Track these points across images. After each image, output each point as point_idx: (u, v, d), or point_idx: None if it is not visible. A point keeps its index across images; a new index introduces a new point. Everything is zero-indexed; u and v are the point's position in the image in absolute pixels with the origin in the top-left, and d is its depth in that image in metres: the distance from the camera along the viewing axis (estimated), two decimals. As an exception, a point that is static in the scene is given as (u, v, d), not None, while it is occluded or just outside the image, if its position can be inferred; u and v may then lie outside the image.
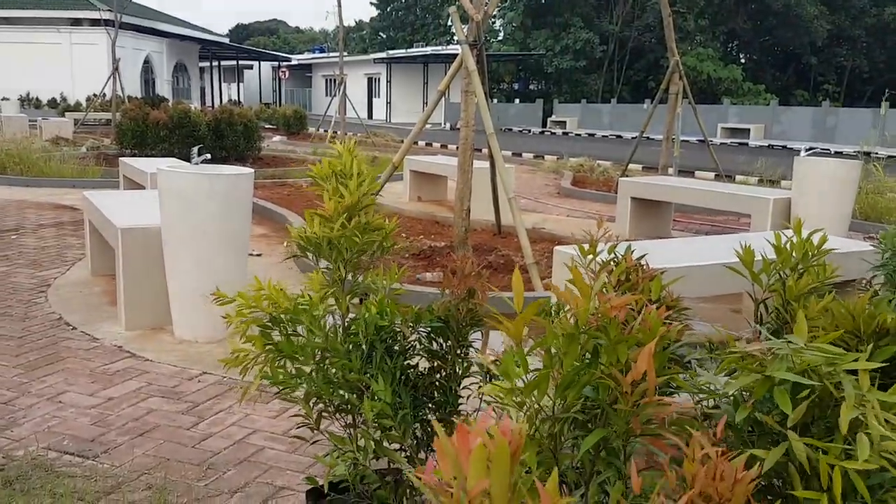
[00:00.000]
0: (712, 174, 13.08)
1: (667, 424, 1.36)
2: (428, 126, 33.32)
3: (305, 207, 2.68)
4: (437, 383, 2.44)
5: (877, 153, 12.53)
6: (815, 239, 1.77)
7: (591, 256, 2.14)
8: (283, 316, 2.19)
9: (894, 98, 26.34)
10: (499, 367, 1.32)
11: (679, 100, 11.12)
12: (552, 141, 28.88)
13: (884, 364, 1.28)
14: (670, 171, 11.51)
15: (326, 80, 50.02)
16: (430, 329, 2.33)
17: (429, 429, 2.27)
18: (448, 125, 34.97)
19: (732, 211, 7.60)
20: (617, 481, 1.32)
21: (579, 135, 32.85)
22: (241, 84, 51.99)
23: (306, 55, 57.39)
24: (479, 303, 2.34)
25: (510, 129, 36.52)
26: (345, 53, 27.30)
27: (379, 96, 46.40)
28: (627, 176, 10.90)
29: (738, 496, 0.97)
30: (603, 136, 31.21)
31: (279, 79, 48.04)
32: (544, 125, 37.89)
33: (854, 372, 1.20)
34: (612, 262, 2.15)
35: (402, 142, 24.46)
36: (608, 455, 1.34)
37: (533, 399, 1.30)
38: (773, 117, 28.99)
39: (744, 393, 1.26)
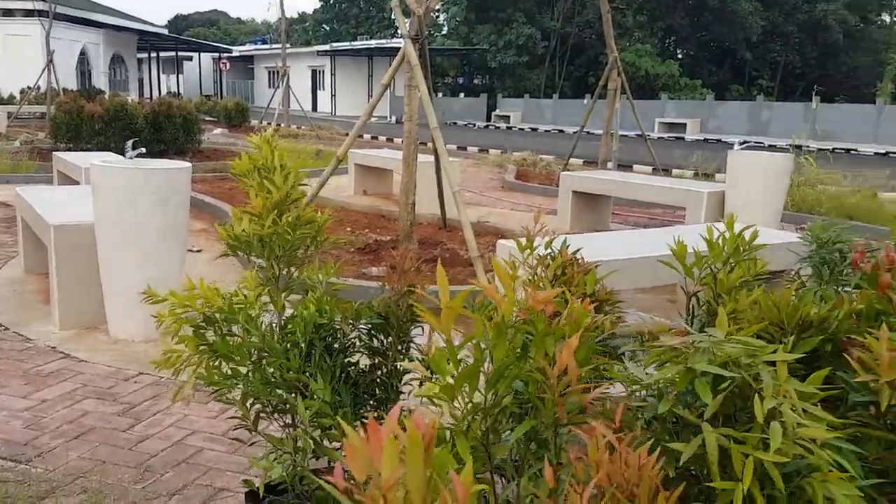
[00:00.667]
0: (650, 168, 13.36)
1: (602, 414, 1.40)
2: (373, 120, 33.20)
3: (247, 202, 2.65)
4: (378, 380, 2.44)
5: (808, 146, 12.99)
6: (748, 234, 1.83)
7: (528, 252, 2.18)
8: (217, 315, 2.16)
9: (825, 93, 27.32)
10: (430, 364, 1.33)
11: (617, 95, 11.33)
12: (496, 135, 29.06)
13: (803, 355, 1.34)
14: (609, 165, 11.72)
15: (269, 72, 49.21)
16: (370, 325, 2.33)
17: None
18: (393, 119, 34.87)
19: (669, 204, 7.78)
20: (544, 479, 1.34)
21: (523, 129, 33.14)
22: (180, 76, 50.72)
23: (248, 47, 56.35)
24: (420, 298, 2.35)
25: (455, 123, 36.60)
26: (287, 45, 26.92)
27: (323, 89, 45.92)
28: (569, 170, 11.05)
29: (645, 483, 1.01)
30: (546, 130, 31.55)
31: (220, 71, 47.07)
32: (489, 119, 38.10)
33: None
34: (548, 257, 2.19)
35: (347, 135, 24.15)
36: (538, 446, 1.36)
37: (465, 394, 1.31)
38: (709, 112, 29.76)
39: (669, 385, 1.30)
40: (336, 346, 2.27)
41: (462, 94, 42.80)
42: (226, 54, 48.40)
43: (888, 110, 24.86)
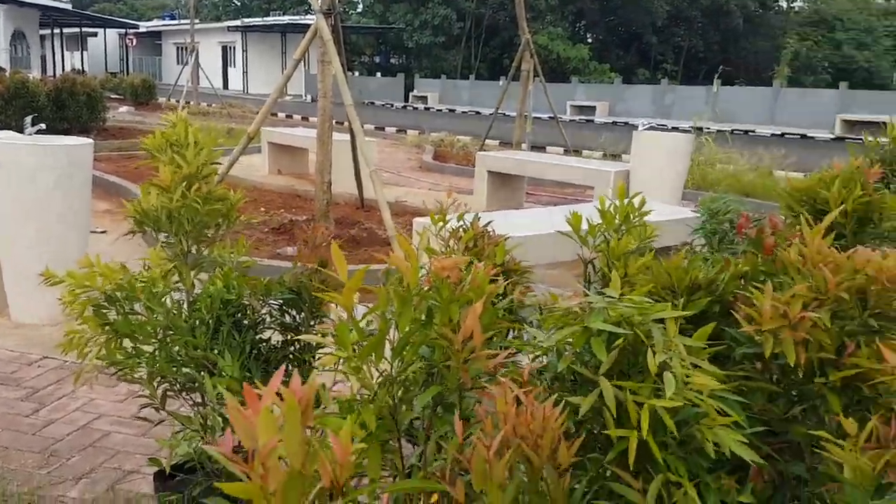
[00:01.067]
0: (562, 149, 13.65)
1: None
2: (287, 98, 32.48)
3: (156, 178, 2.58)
4: (291, 356, 2.43)
5: (709, 128, 13.56)
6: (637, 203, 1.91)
7: (440, 225, 2.21)
8: (118, 294, 2.10)
9: (726, 77, 28.46)
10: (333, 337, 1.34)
11: (530, 77, 11.49)
12: (414, 115, 28.99)
13: (692, 315, 1.42)
14: (523, 146, 11.91)
15: (178, 48, 47.34)
16: (281, 301, 2.32)
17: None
18: (309, 97, 34.22)
19: (579, 183, 8.00)
20: (454, 436, 1.39)
21: (440, 110, 33.16)
22: (85, 53, 48.12)
23: (155, 22, 53.99)
24: (332, 273, 2.35)
25: (373, 103, 36.24)
26: (197, 21, 25.96)
27: (235, 66, 44.58)
28: (485, 151, 11.16)
29: (549, 434, 1.06)
30: (463, 111, 31.67)
31: (126, 47, 44.97)
32: (406, 100, 37.92)
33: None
34: (460, 230, 2.24)
35: (276, 115, 23.28)
36: (444, 411, 1.40)
37: (370, 364, 1.34)
38: (617, 95, 30.57)
39: (566, 345, 1.36)
40: (246, 322, 2.24)
41: (379, 74, 42.41)
42: (132, 30, 46.26)
43: (784, 93, 26.16)
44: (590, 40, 44.16)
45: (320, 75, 6.56)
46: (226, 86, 42.51)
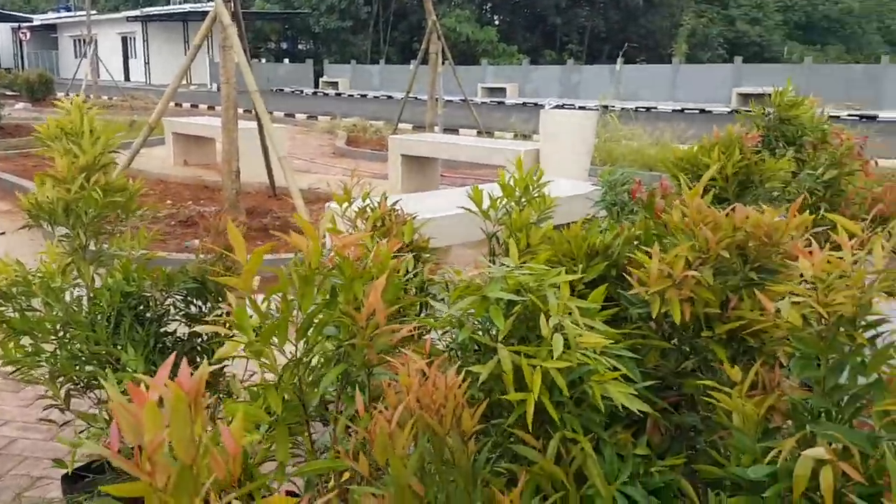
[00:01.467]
0: (475, 131, 13.75)
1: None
2: (192, 87, 31.31)
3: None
4: (198, 348, 2.38)
5: (613, 106, 13.95)
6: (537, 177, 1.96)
7: (346, 206, 2.21)
8: (14, 290, 2.00)
9: (629, 54, 29.20)
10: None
11: (439, 60, 11.51)
12: (325, 102, 28.56)
13: (589, 278, 1.48)
14: (436, 129, 11.93)
15: (75, 41, 44.91)
16: (185, 292, 2.26)
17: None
18: (214, 86, 33.19)
19: (492, 164, 8.09)
20: (366, 413, 1.40)
21: (352, 95, 32.81)
22: (-25, 48, 45.20)
23: (50, 14, 51.08)
24: (236, 260, 2.31)
25: (282, 90, 35.49)
26: (94, 12, 24.70)
27: (136, 57, 42.73)
28: (398, 135, 11.13)
29: (451, 403, 1.08)
30: (374, 96, 31.44)
31: (20, 41, 42.41)
32: (317, 86, 37.29)
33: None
34: (367, 209, 2.24)
35: (180, 105, 22.37)
36: (353, 389, 1.41)
37: (273, 346, 1.33)
38: (525, 76, 31.00)
39: (468, 316, 1.39)
40: (148, 315, 2.18)
41: (287, 60, 41.49)
42: (25, 24, 43.71)
43: (683, 69, 27.13)
44: (497, 22, 44.45)
45: (222, 61, 6.39)
46: (127, 78, 40.78)
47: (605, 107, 13.20)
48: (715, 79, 25.55)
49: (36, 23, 46.69)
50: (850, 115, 19.17)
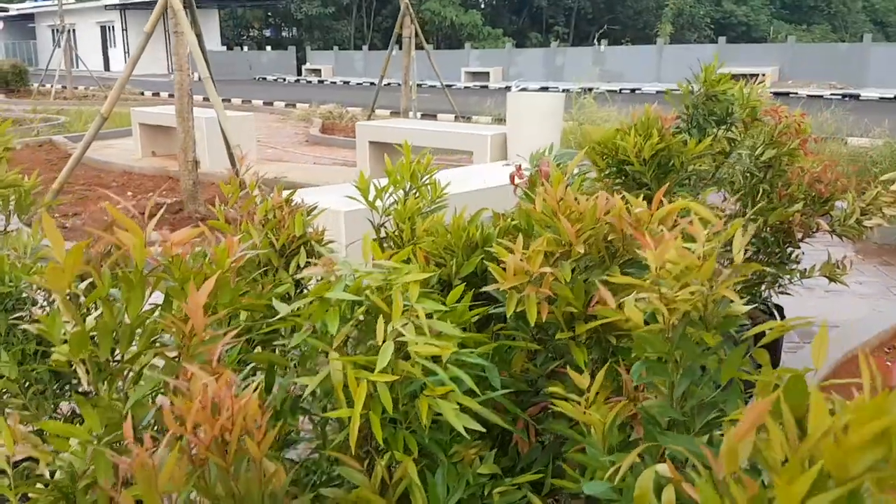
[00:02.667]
0: (453, 116, 13.58)
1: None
2: (160, 78, 30.90)
3: (20, 173, 2.37)
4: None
5: (597, 88, 13.77)
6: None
7: (233, 196, 2.06)
8: None
9: (614, 35, 28.96)
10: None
11: (412, 44, 11.31)
12: (308, 89, 28.26)
13: (428, 275, 1.33)
14: (411, 114, 11.75)
15: (53, 30, 44.34)
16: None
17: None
18: (196, 75, 32.79)
19: (462, 149, 7.94)
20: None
21: (335, 82, 32.51)
22: (-49, 39, 44.58)
23: (27, 4, 50.40)
24: (125, 254, 2.16)
25: (265, 78, 35.17)
26: (71, 0, 24.29)
27: (115, 46, 42.20)
28: (372, 121, 10.95)
29: (239, 427, 0.93)
30: (358, 83, 31.16)
31: (-5, 31, 41.94)
32: (299, 73, 36.96)
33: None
34: (255, 202, 2.09)
35: (143, 94, 22.17)
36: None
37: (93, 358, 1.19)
38: (510, 60, 30.72)
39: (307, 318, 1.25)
40: (27, 317, 2.03)
41: (269, 48, 41.08)
42: (2, 13, 43.09)
43: (667, 50, 26.93)
44: (482, 6, 44.10)
45: (174, 47, 6.20)
46: (107, 67, 40.33)
47: (589, 88, 13.01)
48: (699, 59, 25.34)
49: (12, 12, 46.08)
50: (832, 94, 19.07)
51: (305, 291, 1.81)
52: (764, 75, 2.85)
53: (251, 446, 0.93)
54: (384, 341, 1.08)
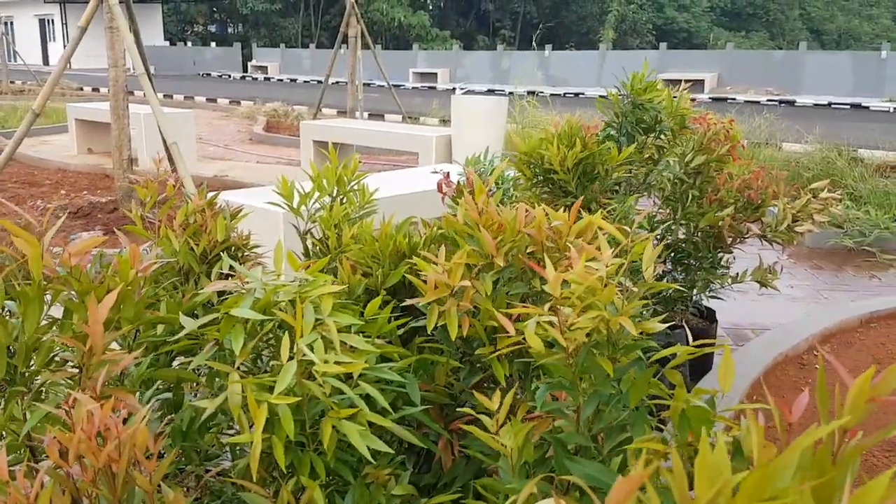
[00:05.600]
0: (400, 116, 13.52)
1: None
2: (100, 73, 30.02)
3: None
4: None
5: (542, 92, 13.89)
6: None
7: (149, 199, 1.99)
8: None
9: (558, 40, 29.23)
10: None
11: (358, 44, 11.22)
12: (253, 87, 27.79)
13: (341, 288, 1.30)
14: (357, 114, 11.65)
15: (-10, 24, 42.66)
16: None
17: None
18: (153, 69, 31.96)
19: (406, 150, 7.90)
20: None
21: (281, 80, 32.07)
22: None
23: (-39, -4, 48.35)
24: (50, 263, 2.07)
25: (209, 74, 34.47)
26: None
27: (55, 40, 40.83)
28: (317, 120, 10.82)
29: (127, 457, 0.88)
30: (305, 81, 30.80)
31: (-78, 24, 40.05)
32: (245, 70, 36.33)
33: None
34: (173, 204, 2.02)
35: (82, 90, 21.48)
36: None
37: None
38: (457, 61, 30.79)
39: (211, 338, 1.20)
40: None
41: (214, 44, 40.27)
42: (-67, 3, 41.24)
43: (610, 55, 27.37)
44: (430, 7, 44.07)
45: (109, 42, 6.00)
46: (46, 62, 38.99)
47: (533, 92, 13.11)
48: (640, 65, 25.76)
49: (-54, 3, 44.22)
50: (769, 101, 19.65)
51: (227, 299, 1.76)
52: (688, 83, 2.89)
53: (139, 478, 0.88)
54: (288, 360, 1.04)
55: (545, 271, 0.98)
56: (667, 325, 1.04)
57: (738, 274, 3.07)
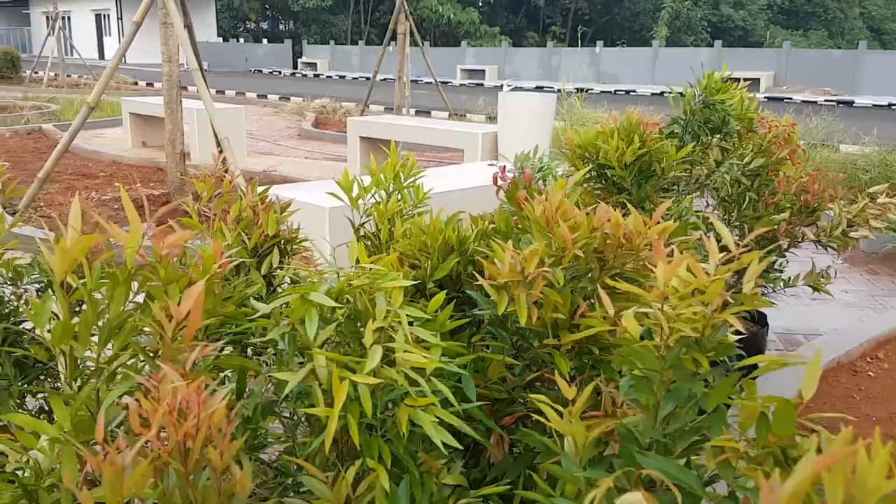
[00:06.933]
0: (447, 113, 13.53)
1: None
2: (155, 68, 30.76)
3: (6, 160, 2.32)
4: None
5: (592, 89, 13.74)
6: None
7: (205, 194, 2.02)
8: None
9: (610, 37, 28.91)
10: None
11: (407, 41, 11.26)
12: (303, 83, 28.18)
13: (414, 282, 1.29)
14: (404, 110, 11.70)
15: (47, 17, 44.08)
16: (37, 287, 2.07)
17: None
18: (207, 64, 32.68)
19: (452, 147, 7.90)
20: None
21: (330, 76, 32.42)
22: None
23: (21, -12, 50.09)
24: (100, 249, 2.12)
25: (260, 71, 35.05)
26: (63, -14, 24.12)
27: (110, 35, 41.98)
28: (364, 116, 10.89)
29: (203, 433, 0.89)
30: (353, 77, 31.08)
31: (-14, 17, 41.68)
32: (295, 67, 36.83)
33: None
34: (230, 198, 2.05)
35: (136, 84, 22.06)
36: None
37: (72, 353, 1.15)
38: (505, 58, 30.68)
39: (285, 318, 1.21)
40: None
41: (266, 41, 40.90)
42: (-5, -1, 42.92)
43: (663, 52, 26.95)
44: (480, 4, 44.01)
45: (162, 38, 6.13)
46: (101, 56, 40.13)
47: (582, 89, 12.99)
48: (695, 63, 25.36)
49: (5, -1, 45.83)
50: (826, 101, 19.11)
51: (278, 291, 1.77)
52: (744, 81, 2.80)
53: (213, 455, 0.89)
54: (372, 344, 1.04)
55: (664, 258, 0.96)
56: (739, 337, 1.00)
57: (790, 278, 2.99)
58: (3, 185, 2.57)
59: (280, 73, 34.38)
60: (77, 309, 1.70)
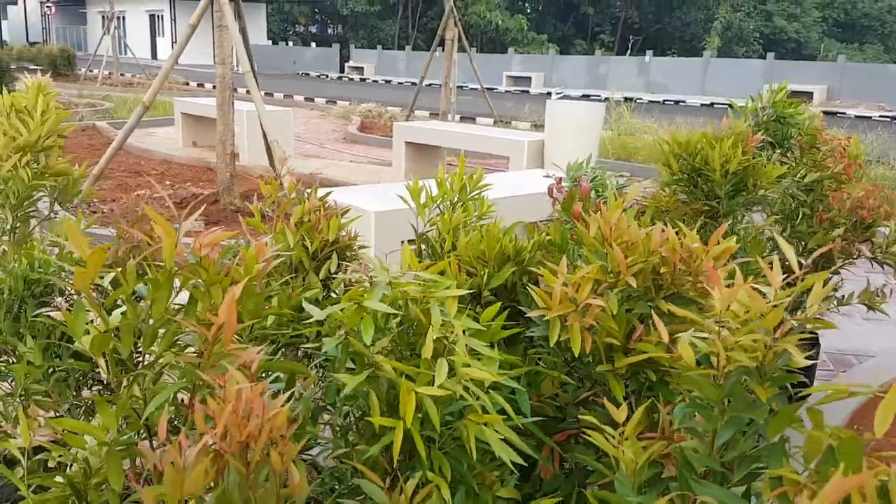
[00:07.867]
0: (492, 120, 13.52)
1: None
2: (206, 69, 31.37)
3: (62, 156, 2.43)
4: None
5: (641, 98, 13.61)
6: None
7: (271, 196, 2.04)
8: None
9: (659, 48, 28.59)
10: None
11: (454, 47, 11.29)
12: (349, 87, 28.45)
13: (466, 292, 1.29)
14: (450, 116, 11.73)
15: (103, 16, 45.36)
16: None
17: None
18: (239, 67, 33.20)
19: (498, 154, 7.89)
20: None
21: (377, 81, 32.67)
22: (3, 22, 45.67)
23: (80, -12, 51.64)
24: (155, 247, 2.16)
25: (308, 74, 35.49)
26: (120, -13, 24.81)
27: (163, 35, 42.99)
28: (411, 121, 10.95)
29: (265, 436, 0.90)
30: (399, 82, 31.27)
31: (46, 15, 42.91)
32: (342, 71, 37.22)
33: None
34: (294, 201, 2.07)
35: (188, 84, 22.56)
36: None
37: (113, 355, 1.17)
38: (552, 66, 30.53)
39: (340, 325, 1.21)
40: (55, 305, 2.04)
41: (314, 44, 41.44)
42: (52, -2, 44.20)
43: (714, 63, 26.54)
44: (528, 11, 43.94)
45: (217, 40, 6.25)
46: (154, 56, 41.11)
47: (630, 98, 12.87)
48: (746, 74, 24.93)
49: (64, -3, 47.18)
50: (881, 116, 18.59)
51: (333, 296, 1.78)
52: (797, 95, 2.75)
53: (275, 457, 0.90)
54: (436, 358, 1.04)
55: (720, 283, 0.94)
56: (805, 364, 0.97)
57: (843, 296, 2.90)
58: (70, 184, 2.65)
59: (327, 76, 34.77)
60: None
